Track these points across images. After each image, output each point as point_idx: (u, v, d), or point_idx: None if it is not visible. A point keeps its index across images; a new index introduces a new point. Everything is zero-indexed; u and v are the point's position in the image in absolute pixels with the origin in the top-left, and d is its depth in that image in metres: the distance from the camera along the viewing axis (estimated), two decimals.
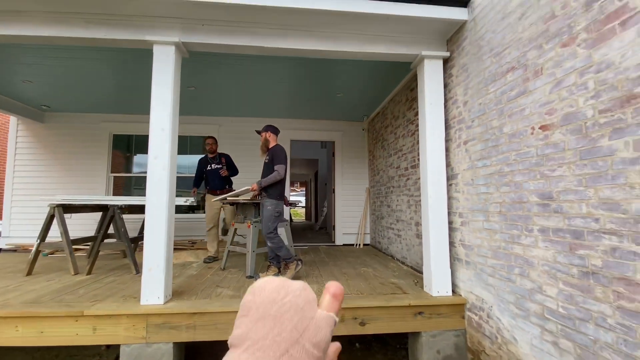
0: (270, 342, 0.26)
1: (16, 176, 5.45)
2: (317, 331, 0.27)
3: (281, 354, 0.25)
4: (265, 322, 0.27)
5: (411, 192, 3.80)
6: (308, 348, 0.26)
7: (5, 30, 2.59)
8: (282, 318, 0.27)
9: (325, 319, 0.29)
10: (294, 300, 0.28)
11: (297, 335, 0.26)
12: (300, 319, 0.27)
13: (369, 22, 2.67)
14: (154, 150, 2.55)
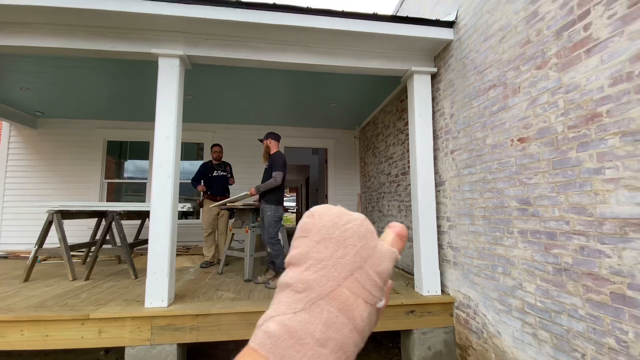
0: (333, 263, 0.25)
1: (7, 182, 5.40)
2: (380, 260, 0.27)
3: (345, 276, 0.25)
4: (328, 244, 0.26)
5: (402, 197, 3.99)
6: (372, 275, 0.26)
7: (13, 41, 2.67)
8: (346, 242, 0.26)
9: (388, 251, 0.28)
10: (356, 228, 0.27)
11: (361, 261, 0.26)
12: (364, 246, 0.26)
13: (362, 39, 2.87)
14: (159, 158, 2.66)
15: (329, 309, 0.23)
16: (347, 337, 0.23)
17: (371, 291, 0.25)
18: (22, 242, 5.26)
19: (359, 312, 0.24)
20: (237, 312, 2.52)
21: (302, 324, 0.23)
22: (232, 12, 2.59)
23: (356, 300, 0.24)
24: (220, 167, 4.39)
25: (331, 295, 0.24)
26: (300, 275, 0.25)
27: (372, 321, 0.26)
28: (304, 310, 0.23)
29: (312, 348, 0.22)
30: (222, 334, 2.49)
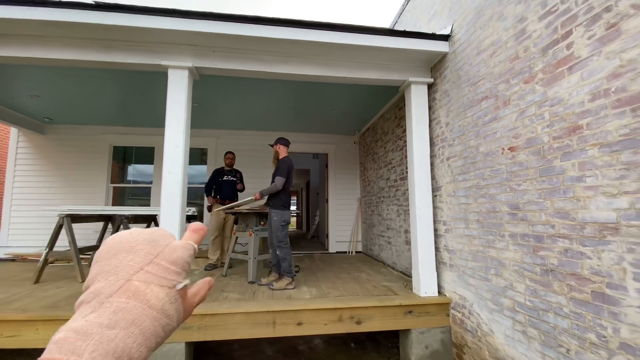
0: (123, 266, 0.28)
1: (15, 186, 5.53)
2: (172, 252, 0.30)
3: (135, 271, 0.28)
4: (118, 256, 0.29)
5: (400, 202, 4.12)
6: (164, 265, 0.29)
7: (27, 52, 2.81)
8: (135, 248, 0.29)
9: (182, 244, 0.32)
10: (147, 236, 0.31)
11: (152, 257, 0.29)
12: (154, 246, 0.30)
13: (361, 52, 3.01)
14: (168, 164, 2.79)
15: (118, 300, 0.26)
16: (139, 315, 0.26)
17: (165, 276, 0.29)
18: (29, 245, 5.37)
19: (153, 294, 0.28)
20: (243, 312, 2.63)
21: (89, 321, 0.25)
22: (237, 26, 2.73)
23: (148, 286, 0.28)
24: (231, 173, 4.57)
25: (121, 289, 0.27)
26: (89, 290, 0.27)
27: (174, 299, 0.29)
28: (94, 311, 0.26)
29: (99, 333, 0.24)
30: (228, 332, 2.61)
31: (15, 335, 2.48)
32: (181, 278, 0.31)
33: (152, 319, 0.27)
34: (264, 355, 3.24)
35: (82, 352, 0.22)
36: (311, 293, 3.07)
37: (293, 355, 3.21)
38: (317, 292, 3.10)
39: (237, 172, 4.71)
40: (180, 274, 0.31)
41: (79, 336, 0.23)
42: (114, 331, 0.25)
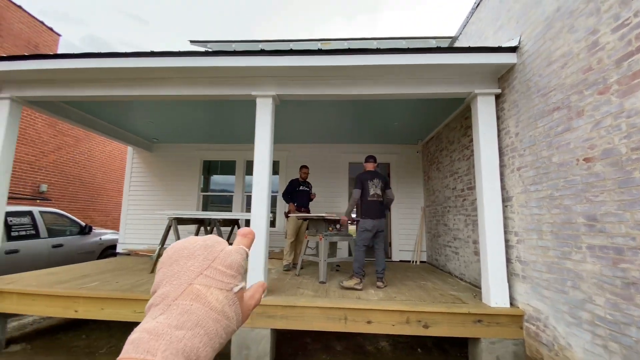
0: (185, 271, 0.31)
1: (130, 195, 6.84)
2: (227, 257, 0.33)
3: (196, 275, 0.31)
4: (180, 261, 0.32)
5: (468, 211, 4.11)
6: (221, 268, 0.32)
7: (154, 91, 3.63)
8: (194, 254, 0.32)
9: (235, 249, 0.35)
10: (203, 242, 0.34)
11: (209, 262, 0.32)
12: (210, 252, 0.33)
13: (426, 69, 3.21)
14: (257, 177, 3.32)
15: (183, 302, 0.29)
16: (203, 316, 0.29)
17: (223, 280, 0.32)
18: (140, 242, 6.57)
19: (214, 296, 0.30)
20: (318, 306, 2.98)
21: (160, 322, 0.27)
22: (313, 58, 3.17)
23: (209, 289, 0.30)
24: (305, 184, 5.10)
25: (185, 292, 0.30)
26: (157, 294, 0.30)
27: (232, 302, 0.32)
28: (163, 313, 0.28)
29: (169, 333, 0.26)
30: (305, 323, 2.97)
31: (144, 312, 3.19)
32: (237, 281, 0.33)
33: (214, 321, 0.30)
34: (334, 350, 3.54)
35: (155, 351, 0.25)
36: (378, 296, 3.29)
37: (361, 354, 3.45)
38: (384, 296, 3.30)
39: (309, 183, 5.25)
40: (236, 277, 0.33)
41: (152, 336, 0.26)
42: (182, 331, 0.27)
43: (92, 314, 3.22)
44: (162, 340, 0.26)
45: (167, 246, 3.48)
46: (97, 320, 4.16)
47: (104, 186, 11.43)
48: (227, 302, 0.32)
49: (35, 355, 3.38)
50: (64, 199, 9.52)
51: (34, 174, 8.55)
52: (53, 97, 3.82)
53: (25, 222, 5.12)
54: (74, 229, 5.96)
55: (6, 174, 3.78)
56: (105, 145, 11.42)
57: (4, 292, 3.33)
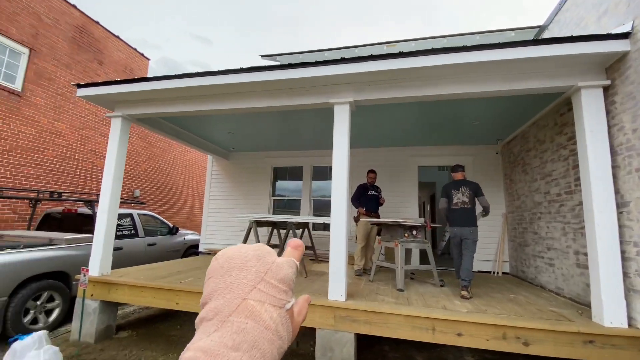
0: (237, 284, 0.30)
1: (210, 199, 7.50)
2: (278, 270, 0.32)
3: (250, 289, 0.30)
4: (232, 272, 0.31)
5: (567, 219, 3.66)
6: (273, 283, 0.31)
7: (236, 104, 3.92)
8: (246, 265, 0.31)
9: (286, 261, 0.34)
10: (254, 252, 0.32)
11: (262, 275, 0.31)
12: (262, 264, 0.31)
13: (519, 64, 2.95)
14: (335, 182, 3.38)
15: (238, 319, 0.28)
16: (258, 337, 0.27)
17: (275, 295, 0.30)
18: (219, 242, 7.14)
19: (268, 314, 0.29)
20: (403, 314, 2.91)
21: (214, 340, 0.26)
22: (392, 62, 3.13)
23: (263, 306, 0.29)
24: (373, 189, 5.06)
25: (239, 308, 0.28)
26: (209, 307, 0.29)
27: (285, 320, 0.30)
28: (217, 330, 0.27)
29: (225, 355, 0.25)
30: (390, 330, 2.92)
31: None
32: (289, 297, 0.32)
33: (269, 342, 0.28)
34: None
35: None
36: (466, 307, 3.10)
37: None
38: (473, 308, 3.09)
39: (378, 187, 5.16)
40: (288, 293, 0.32)
41: (208, 357, 0.25)
42: (238, 353, 0.26)
43: (190, 307, 3.57)
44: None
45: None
46: (187, 312, 4.61)
47: (184, 191, 12.71)
48: (280, 320, 0.30)
49: (140, 341, 3.87)
50: (151, 202, 10.82)
51: (129, 181, 9.87)
52: (154, 113, 4.37)
53: (127, 223, 5.91)
54: (163, 229, 6.73)
55: (119, 181, 4.42)
56: (185, 154, 12.72)
57: (117, 284, 3.87)
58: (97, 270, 3.99)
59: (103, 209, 4.17)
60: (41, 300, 4.05)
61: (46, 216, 5.72)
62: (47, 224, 5.66)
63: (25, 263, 3.90)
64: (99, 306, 3.82)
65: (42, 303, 4.08)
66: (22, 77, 6.95)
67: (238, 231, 6.95)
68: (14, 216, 6.77)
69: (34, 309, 3.98)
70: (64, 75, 7.83)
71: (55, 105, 7.63)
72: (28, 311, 3.92)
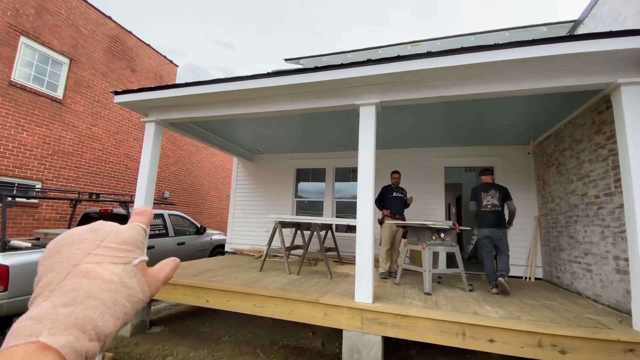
0: (68, 255, 0.29)
1: (236, 201, 7.70)
2: (119, 235, 0.32)
3: (84, 256, 0.29)
4: (61, 250, 0.30)
5: (606, 222, 3.47)
6: (112, 246, 0.31)
7: (265, 108, 4.01)
8: (80, 239, 0.31)
9: (128, 226, 0.34)
10: (89, 227, 0.32)
11: (98, 243, 0.31)
12: (97, 234, 0.31)
13: (553, 61, 2.85)
14: (361, 183, 3.39)
15: (70, 283, 0.27)
16: (95, 289, 0.28)
17: (116, 255, 0.31)
18: (245, 242, 7.31)
19: (107, 271, 0.29)
20: (431, 318, 2.87)
21: (43, 306, 0.25)
22: (420, 62, 3.10)
23: (100, 265, 0.29)
24: (398, 190, 5.01)
25: (70, 274, 0.28)
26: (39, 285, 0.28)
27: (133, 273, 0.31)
28: (46, 300, 0.26)
29: (54, 312, 0.25)
30: (418, 334, 2.89)
31: (262, 306, 3.51)
32: (136, 255, 0.32)
33: (111, 291, 0.28)
34: None
35: (39, 332, 0.23)
36: (499, 313, 3.01)
37: None
38: (506, 314, 3.00)
39: (403, 189, 5.10)
40: (134, 251, 0.32)
41: (34, 321, 0.24)
42: (70, 308, 0.25)
43: (219, 305, 3.69)
44: (47, 320, 0.24)
45: (274, 247, 3.71)
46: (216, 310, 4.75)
47: (210, 192, 13.11)
48: (126, 274, 0.30)
49: (172, 337, 4.02)
50: (180, 203, 11.23)
51: (159, 183, 10.30)
52: (185, 118, 4.55)
53: (159, 223, 6.17)
54: (191, 229, 6.97)
55: (153, 182, 4.63)
56: (211, 157, 13.12)
57: None
58: None
59: None
60: None
61: (85, 216, 6.08)
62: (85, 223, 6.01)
63: None
64: None
65: None
66: (63, 85, 7.45)
67: (263, 232, 7.08)
68: (56, 215, 7.25)
69: None
70: (100, 83, 8.31)
71: (93, 111, 8.11)
72: None
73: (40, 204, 6.93)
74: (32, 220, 6.83)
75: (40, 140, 6.94)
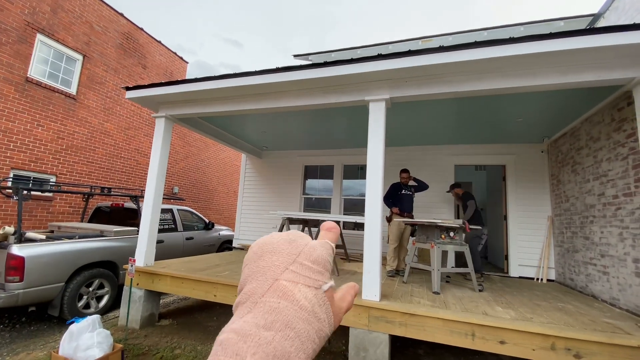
0: (269, 267, 0.30)
1: (244, 197, 7.72)
2: (312, 251, 0.32)
3: (282, 270, 0.29)
4: (264, 257, 0.31)
5: (625, 223, 3.35)
6: (306, 264, 0.30)
7: (273, 104, 3.99)
8: (278, 249, 0.31)
9: (320, 243, 0.33)
10: (285, 236, 0.32)
11: (294, 257, 0.31)
12: (294, 246, 0.31)
13: (571, 55, 2.74)
14: (370, 179, 3.34)
15: (271, 300, 0.28)
16: (292, 316, 0.27)
17: (309, 276, 0.30)
18: (253, 238, 7.34)
19: (302, 294, 0.28)
20: (440, 317, 2.81)
21: (247, 321, 0.26)
22: (432, 57, 3.03)
23: (296, 286, 0.29)
24: (407, 188, 4.94)
25: (271, 289, 0.28)
26: (244, 291, 0.29)
27: (322, 301, 0.29)
28: (250, 312, 0.27)
29: (257, 334, 0.25)
30: (426, 334, 2.84)
31: None
32: (325, 278, 0.31)
33: (305, 322, 0.27)
34: None
35: (244, 354, 0.24)
36: (509, 314, 2.93)
37: None
38: (516, 315, 2.92)
39: (412, 187, 5.03)
40: (324, 274, 0.31)
41: (240, 337, 0.25)
42: (270, 332, 0.26)
43: (227, 299, 3.70)
44: (251, 342, 0.25)
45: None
46: (223, 305, 4.79)
47: (217, 188, 13.20)
48: (317, 301, 0.29)
49: (180, 330, 4.06)
50: (188, 199, 11.34)
51: (169, 178, 10.42)
52: (194, 113, 4.57)
53: (168, 217, 6.23)
54: (200, 224, 7.02)
55: (162, 177, 4.66)
56: (219, 153, 13.20)
57: (160, 275, 4.09)
58: (142, 261, 4.25)
59: (148, 204, 4.42)
60: (93, 287, 4.40)
61: (97, 210, 6.19)
62: (97, 216, 6.13)
63: (80, 252, 4.25)
64: (143, 294, 4.06)
65: (94, 290, 4.42)
66: (76, 81, 7.58)
67: (270, 228, 7.09)
68: (69, 209, 7.41)
69: (87, 295, 4.33)
70: (112, 79, 8.42)
71: (105, 107, 8.23)
72: (81, 297, 4.27)
73: (54, 197, 7.09)
74: (47, 213, 6.98)
75: (55, 136, 7.08)
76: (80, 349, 2.67)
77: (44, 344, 3.57)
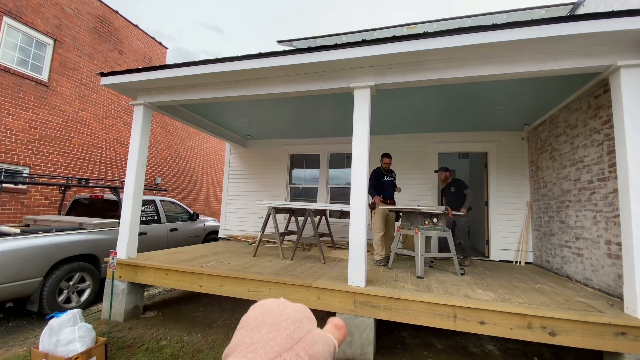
0: (263, 345, 0.27)
1: (229, 187, 7.62)
2: (313, 343, 0.29)
3: (274, 356, 0.26)
4: (261, 329, 0.28)
5: (599, 207, 3.49)
6: (302, 356, 0.27)
7: (257, 90, 3.90)
8: (279, 325, 0.28)
9: (324, 337, 0.30)
10: (293, 313, 0.30)
11: (293, 343, 0.28)
12: (297, 329, 0.29)
13: (552, 42, 2.78)
14: (355, 168, 3.34)
15: None
16: None
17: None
18: (238, 228, 7.29)
19: None
20: (423, 301, 2.89)
21: None
22: (416, 43, 3.01)
23: None
24: (389, 173, 4.93)
25: None
26: (233, 352, 0.27)
27: None
28: None
29: None
30: (410, 317, 2.91)
31: (256, 291, 3.51)
32: None
33: None
34: (434, 348, 3.41)
35: None
36: (489, 296, 3.04)
37: (466, 355, 3.25)
38: (496, 296, 3.03)
39: (393, 171, 5.04)
40: None
41: None
42: None
43: (212, 290, 3.67)
44: None
45: (268, 233, 3.66)
46: (210, 295, 4.76)
47: (202, 179, 12.98)
48: None
49: (166, 321, 4.02)
50: (172, 189, 11.11)
51: (151, 169, 10.15)
52: (174, 101, 4.41)
53: (150, 209, 6.09)
54: (184, 215, 6.90)
55: (143, 167, 4.52)
56: (203, 143, 12.92)
57: (143, 267, 4.01)
58: (124, 253, 4.15)
59: (128, 195, 4.30)
60: (73, 281, 4.28)
61: (75, 202, 5.97)
62: (75, 209, 5.93)
63: (58, 246, 4.10)
64: (126, 287, 3.99)
65: (74, 283, 4.30)
66: (47, 67, 7.18)
67: (256, 218, 7.05)
68: (45, 202, 7.12)
69: (67, 289, 4.21)
70: (86, 65, 8.03)
71: (80, 94, 7.86)
72: (62, 291, 4.15)
73: (29, 190, 6.79)
74: (21, 206, 6.69)
75: (27, 125, 6.73)
76: (61, 344, 2.60)
77: (24, 340, 3.47)
